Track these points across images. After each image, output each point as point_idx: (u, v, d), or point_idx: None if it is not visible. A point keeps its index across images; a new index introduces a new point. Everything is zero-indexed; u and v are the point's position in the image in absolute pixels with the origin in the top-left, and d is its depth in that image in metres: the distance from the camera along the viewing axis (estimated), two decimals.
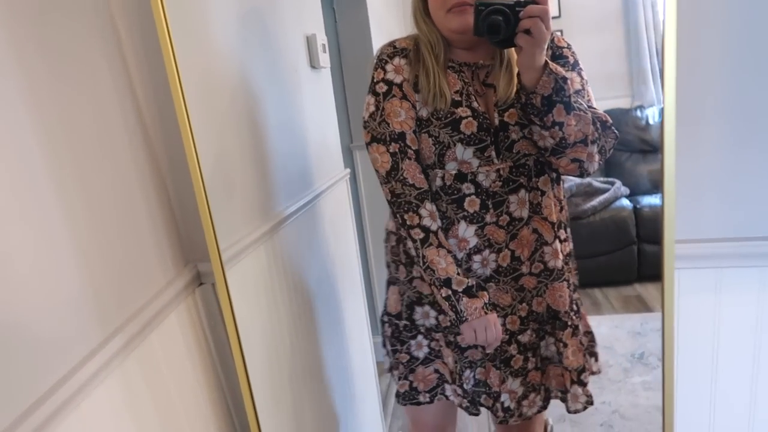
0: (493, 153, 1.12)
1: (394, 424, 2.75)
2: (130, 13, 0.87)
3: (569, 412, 1.27)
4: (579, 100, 1.06)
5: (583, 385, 1.25)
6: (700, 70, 0.89)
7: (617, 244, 2.88)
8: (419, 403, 1.34)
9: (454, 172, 1.14)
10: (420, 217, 1.13)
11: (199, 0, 1.06)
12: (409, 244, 1.15)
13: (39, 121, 0.68)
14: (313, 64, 1.66)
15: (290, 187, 1.42)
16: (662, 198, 0.70)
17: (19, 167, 0.64)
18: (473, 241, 1.16)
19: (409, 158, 1.13)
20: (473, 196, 1.14)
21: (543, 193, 1.16)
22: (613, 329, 2.78)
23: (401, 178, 1.13)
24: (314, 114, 1.67)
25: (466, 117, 1.11)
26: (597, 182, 3.10)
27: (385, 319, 1.37)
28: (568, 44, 1.17)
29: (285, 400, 1.25)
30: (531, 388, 1.26)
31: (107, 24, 0.83)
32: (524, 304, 1.20)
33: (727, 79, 0.89)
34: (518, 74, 1.05)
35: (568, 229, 1.26)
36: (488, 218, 1.15)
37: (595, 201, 2.95)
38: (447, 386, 1.32)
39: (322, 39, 1.71)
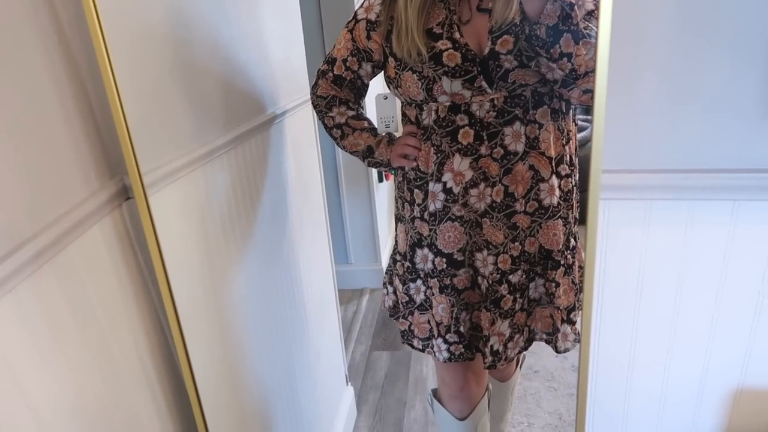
0: (484, 83, 1.08)
1: (357, 350, 2.82)
2: None
3: (558, 352, 1.27)
4: (590, 24, 0.98)
5: (572, 323, 1.25)
6: None
7: (586, 184, 2.88)
8: (413, 347, 1.38)
9: (447, 104, 1.12)
10: (332, 118, 1.33)
11: None
12: (337, 143, 1.37)
13: None
14: None
15: (245, 104, 1.36)
16: (592, 125, 0.67)
17: None
18: (469, 174, 1.14)
19: (326, 78, 1.32)
20: (467, 127, 1.12)
21: (541, 126, 1.12)
22: None
23: (315, 92, 1.36)
24: (276, 29, 1.58)
25: (446, 49, 1.08)
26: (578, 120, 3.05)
27: (398, 258, 1.37)
28: None
29: (224, 324, 1.25)
30: (516, 329, 1.26)
31: None
32: (516, 243, 1.18)
33: (666, 10, 0.84)
34: (520, 2, 0.99)
35: (575, 161, 1.21)
36: (483, 150, 1.12)
37: None
38: (434, 341, 1.32)
39: None
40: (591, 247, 0.74)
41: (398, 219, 1.36)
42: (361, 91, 1.34)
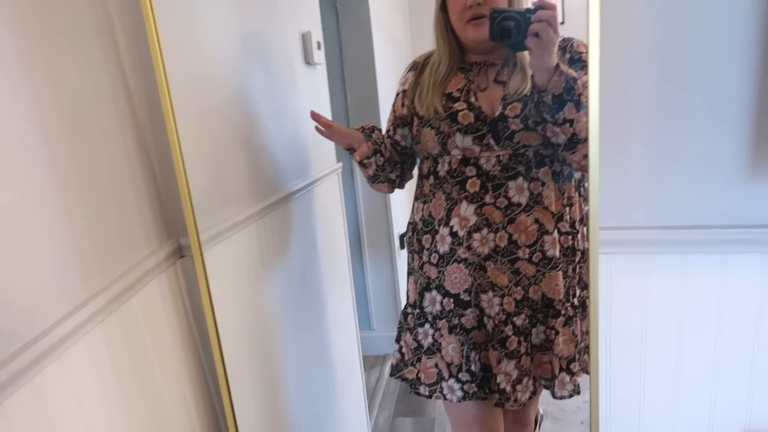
0: (492, 140, 1.22)
1: (380, 416, 2.81)
2: (123, 6, 0.95)
3: (555, 398, 1.31)
4: None
5: (572, 373, 1.30)
6: (626, 67, 0.97)
7: None
8: (419, 394, 1.42)
9: (459, 157, 1.26)
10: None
11: None
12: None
13: (37, 94, 0.75)
14: (308, 60, 1.73)
15: (281, 175, 1.49)
16: (588, 187, 0.77)
17: (11, 135, 0.72)
18: (473, 219, 1.26)
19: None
20: (474, 178, 1.25)
21: (544, 183, 1.24)
22: None
23: None
24: (308, 108, 1.74)
25: (462, 110, 1.24)
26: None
27: (409, 310, 1.45)
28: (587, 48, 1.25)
29: (263, 377, 1.32)
30: (524, 372, 1.32)
31: (101, 9, 0.91)
32: (520, 288, 1.27)
33: (652, 74, 0.97)
34: (532, 75, 1.13)
35: (581, 228, 1.31)
36: (487, 199, 1.24)
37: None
38: (444, 384, 1.36)
39: (317, 36, 1.78)
40: (594, 298, 0.82)
41: (408, 273, 1.45)
42: (403, 156, 1.46)
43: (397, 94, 1.41)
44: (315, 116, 1.38)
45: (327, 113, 1.98)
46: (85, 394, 0.79)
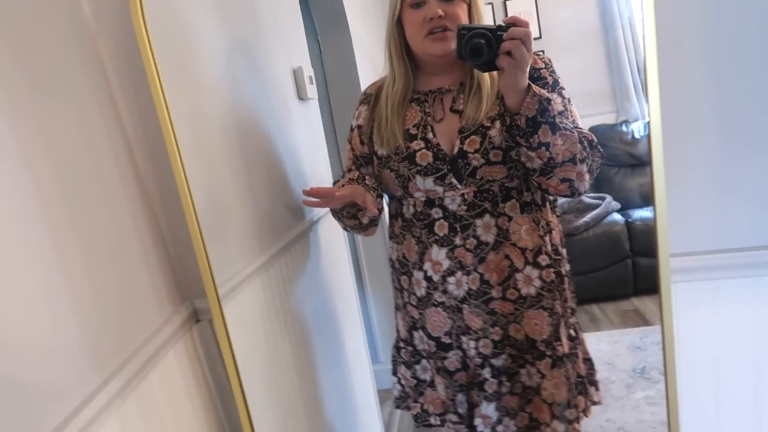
0: (454, 180, 1.15)
1: None
2: (119, 54, 0.88)
3: None
4: (564, 120, 1.07)
5: (567, 422, 1.22)
6: (684, 84, 0.91)
7: (612, 258, 2.89)
8: (431, 425, 1.36)
9: (423, 199, 1.19)
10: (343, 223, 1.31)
11: (187, 37, 1.08)
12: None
13: (31, 165, 0.68)
14: (301, 96, 1.68)
15: (284, 218, 1.42)
16: (654, 214, 0.71)
17: (14, 215, 0.64)
18: (446, 264, 1.19)
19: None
20: (442, 220, 1.18)
21: (510, 218, 1.17)
22: (613, 345, 2.77)
23: None
24: (305, 145, 1.68)
25: (420, 150, 1.16)
26: (588, 198, 3.12)
27: (401, 345, 1.38)
28: (547, 64, 1.18)
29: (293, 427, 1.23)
30: (505, 413, 1.25)
31: (96, 66, 0.84)
32: (497, 328, 1.20)
33: (711, 91, 0.91)
34: (502, 97, 1.07)
35: (562, 251, 1.24)
36: (457, 241, 1.18)
37: (587, 217, 2.97)
38: (450, 414, 1.32)
39: (308, 71, 1.73)
40: (669, 335, 0.75)
41: (396, 308, 1.39)
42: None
43: (352, 129, 1.33)
44: (312, 193, 1.20)
45: (323, 147, 1.92)
46: None
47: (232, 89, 1.22)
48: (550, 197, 1.23)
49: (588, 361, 1.30)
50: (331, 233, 1.84)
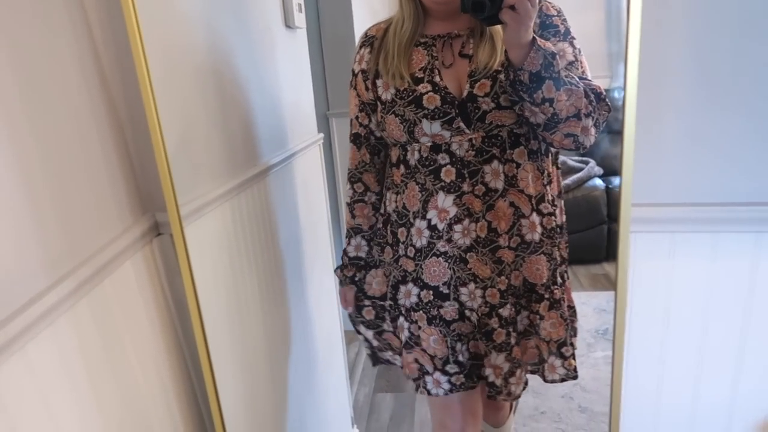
0: (462, 124, 1.13)
1: (360, 391, 2.78)
2: None
3: (546, 381, 1.26)
4: (570, 73, 1.04)
5: (564, 357, 1.25)
6: (662, 36, 0.89)
7: (589, 222, 2.92)
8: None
9: (429, 144, 1.16)
10: (354, 192, 1.36)
11: None
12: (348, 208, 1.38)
13: None
14: (288, 24, 1.62)
15: (260, 146, 1.40)
16: (621, 161, 0.70)
17: None
18: (453, 211, 1.17)
19: (351, 142, 1.35)
20: (449, 166, 1.16)
21: (518, 165, 1.16)
22: (580, 306, 2.81)
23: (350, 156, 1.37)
24: (288, 74, 1.64)
25: (427, 92, 1.13)
26: (571, 161, 3.12)
27: (367, 303, 1.37)
28: (559, 11, 1.14)
29: (244, 360, 1.25)
30: (517, 365, 1.26)
31: None
32: (503, 278, 1.20)
33: (687, 46, 0.89)
34: (505, 51, 1.04)
35: (559, 202, 1.25)
36: (465, 187, 1.16)
37: (569, 180, 2.98)
38: (428, 378, 1.29)
39: None
40: (622, 279, 0.76)
41: (371, 266, 1.38)
42: (376, 148, 1.36)
43: (355, 75, 1.28)
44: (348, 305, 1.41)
45: (307, 78, 1.87)
46: (51, 391, 0.71)
47: (210, 9, 1.17)
48: (553, 150, 1.22)
49: (571, 308, 1.32)
50: (309, 168, 1.82)
